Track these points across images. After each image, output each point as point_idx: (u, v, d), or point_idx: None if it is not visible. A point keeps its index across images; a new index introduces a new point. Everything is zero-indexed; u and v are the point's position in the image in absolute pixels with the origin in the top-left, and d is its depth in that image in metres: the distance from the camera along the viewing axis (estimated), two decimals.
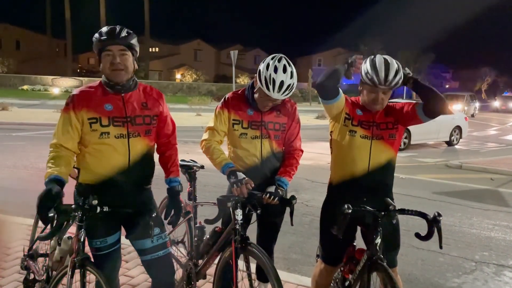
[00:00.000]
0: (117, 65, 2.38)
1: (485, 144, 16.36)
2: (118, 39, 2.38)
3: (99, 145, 2.42)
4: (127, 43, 2.40)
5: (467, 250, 5.08)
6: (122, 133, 2.43)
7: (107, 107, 2.43)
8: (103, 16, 42.49)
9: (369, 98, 2.66)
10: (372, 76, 2.56)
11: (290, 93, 2.77)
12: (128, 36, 2.41)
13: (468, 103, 30.59)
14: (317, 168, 8.96)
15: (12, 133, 13.80)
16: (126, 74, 2.43)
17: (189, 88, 43.39)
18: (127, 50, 2.41)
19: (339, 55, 60.85)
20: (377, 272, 2.44)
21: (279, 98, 2.76)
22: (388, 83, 2.55)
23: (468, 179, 9.33)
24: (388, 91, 2.63)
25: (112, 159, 2.43)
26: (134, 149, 2.47)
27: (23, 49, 55.59)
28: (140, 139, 2.49)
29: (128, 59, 2.43)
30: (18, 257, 4.00)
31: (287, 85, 2.72)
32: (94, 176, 2.46)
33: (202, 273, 3.11)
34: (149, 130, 2.53)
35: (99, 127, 2.40)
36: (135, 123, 2.47)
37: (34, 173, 7.97)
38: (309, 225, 5.62)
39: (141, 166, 2.51)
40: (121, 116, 2.44)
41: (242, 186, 2.64)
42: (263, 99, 2.80)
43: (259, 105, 2.85)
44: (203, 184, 3.69)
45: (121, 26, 2.45)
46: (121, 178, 2.45)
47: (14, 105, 21.89)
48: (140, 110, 2.50)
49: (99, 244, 2.50)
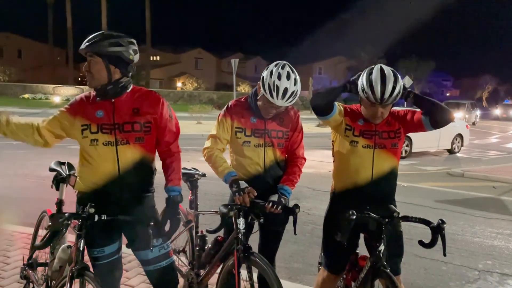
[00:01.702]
0: (86, 72, 2.38)
1: (486, 152, 16.33)
2: (85, 47, 2.34)
3: (89, 152, 2.40)
4: (92, 49, 2.32)
5: (470, 259, 5.04)
6: (109, 140, 2.38)
7: (98, 113, 2.40)
8: (105, 25, 42.66)
9: (368, 113, 2.66)
10: (368, 94, 2.54)
11: (294, 100, 2.75)
12: (95, 41, 2.32)
13: (469, 111, 30.61)
14: (318, 176, 8.93)
15: (13, 141, 13.75)
16: (94, 80, 2.37)
17: (190, 96, 43.47)
18: (94, 56, 2.33)
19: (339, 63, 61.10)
20: (380, 279, 2.42)
21: (282, 105, 2.74)
22: (384, 101, 2.52)
23: (470, 187, 9.29)
24: (387, 105, 2.61)
25: (101, 167, 2.40)
26: (123, 156, 2.40)
27: (25, 57, 55.82)
28: (129, 147, 2.41)
29: (94, 65, 2.35)
30: (17, 266, 3.97)
31: (290, 92, 2.71)
32: (88, 184, 2.44)
33: (204, 283, 3.07)
34: (140, 137, 2.43)
35: (89, 133, 2.39)
36: (123, 130, 2.40)
37: (34, 182, 7.95)
38: (311, 233, 5.59)
39: (134, 174, 2.43)
40: (109, 123, 2.39)
41: (245, 195, 2.62)
42: (267, 106, 2.78)
43: (263, 112, 2.83)
44: (204, 192, 3.67)
45: (99, 33, 2.37)
46: (113, 187, 2.40)
47: (15, 114, 21.79)
48: (129, 117, 2.42)
49: (97, 254, 2.47)
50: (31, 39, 56.37)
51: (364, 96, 2.58)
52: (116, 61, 2.36)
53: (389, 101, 2.53)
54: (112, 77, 2.37)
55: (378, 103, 2.54)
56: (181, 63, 60.24)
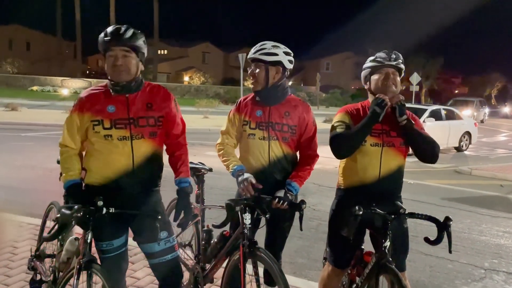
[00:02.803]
0: (119, 67, 2.36)
1: (494, 150, 16.23)
2: (121, 40, 2.34)
3: (102, 148, 2.41)
4: (130, 45, 2.36)
5: (477, 257, 5.02)
6: (124, 135, 2.40)
7: (110, 108, 2.40)
8: (113, 18, 42.73)
9: (380, 81, 2.64)
10: (375, 56, 2.66)
11: (264, 56, 2.80)
12: (132, 36, 2.36)
13: (478, 109, 30.39)
14: (324, 172, 8.92)
15: (21, 133, 13.90)
16: (128, 76, 2.39)
17: (196, 90, 43.51)
18: (130, 51, 2.37)
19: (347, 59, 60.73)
20: (386, 275, 2.42)
21: (254, 56, 2.83)
22: (393, 59, 2.60)
23: (477, 185, 9.24)
24: (396, 71, 2.64)
25: (115, 162, 2.41)
26: (138, 151, 2.43)
27: (33, 50, 56.11)
28: (144, 141, 2.44)
29: (131, 61, 2.38)
30: (25, 257, 4.01)
31: (267, 47, 2.81)
32: (98, 178, 2.45)
33: (209, 277, 3.09)
34: (154, 132, 2.47)
35: (102, 129, 2.39)
36: (138, 124, 2.42)
37: (42, 174, 8.01)
38: (316, 229, 5.59)
39: (146, 169, 2.47)
40: (123, 118, 2.40)
41: (248, 185, 2.65)
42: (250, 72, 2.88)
43: (253, 83, 2.90)
44: (210, 186, 3.68)
45: (127, 26, 2.40)
46: (126, 181, 2.43)
47: (24, 106, 22.06)
48: (144, 112, 2.45)
49: (105, 247, 2.49)
50: (40, 32, 56.62)
51: (372, 62, 2.66)
52: (143, 58, 2.47)
53: (398, 60, 2.61)
54: (138, 73, 2.45)
55: (387, 61, 2.60)
56: (188, 57, 60.25)
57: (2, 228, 4.92)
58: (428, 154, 2.63)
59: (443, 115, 14.44)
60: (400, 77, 2.69)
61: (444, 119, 14.30)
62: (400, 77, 2.69)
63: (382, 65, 2.62)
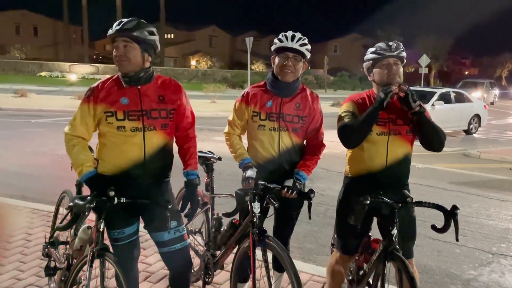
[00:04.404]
0: (120, 57, 2.41)
1: (504, 133, 16.06)
2: (122, 31, 2.39)
3: (115, 138, 2.46)
4: (131, 35, 2.39)
5: (484, 242, 5.04)
6: (137, 126, 2.45)
7: (123, 100, 2.45)
8: (119, 2, 42.52)
9: (383, 72, 2.64)
10: (375, 48, 2.67)
11: (305, 47, 2.81)
12: (133, 27, 2.39)
13: (488, 91, 29.99)
14: (332, 157, 8.91)
15: (31, 119, 14.02)
16: (130, 66, 2.42)
17: (204, 75, 43.41)
18: (131, 42, 2.40)
19: (355, 41, 60.09)
20: (393, 262, 2.45)
21: (294, 46, 2.78)
22: (394, 49, 2.60)
23: (486, 169, 9.21)
24: (398, 60, 2.64)
25: (128, 152, 2.46)
26: (149, 142, 2.48)
27: (41, 35, 56.14)
28: (156, 133, 2.49)
29: (131, 51, 2.41)
30: (39, 243, 4.10)
31: (299, 37, 2.80)
32: (111, 168, 2.51)
33: (219, 263, 3.15)
34: (165, 124, 2.52)
35: (115, 120, 2.44)
36: (151, 116, 2.48)
37: (53, 160, 8.11)
38: (324, 214, 5.64)
39: (157, 160, 2.52)
40: (136, 110, 2.45)
41: (252, 182, 2.70)
42: (281, 61, 2.82)
43: (281, 77, 2.84)
44: (218, 172, 3.72)
45: (133, 18, 2.44)
46: (138, 171, 2.48)
47: (33, 92, 22.18)
48: (156, 104, 2.50)
49: (117, 235, 2.56)
50: (47, 17, 56.54)
51: (373, 54, 2.66)
52: (149, 49, 2.47)
53: (398, 48, 2.61)
54: (144, 65, 2.47)
55: (388, 52, 2.60)
56: (195, 41, 59.99)
57: (15, 215, 5.02)
58: (435, 143, 2.64)
59: (453, 97, 14.34)
60: (402, 64, 2.70)
61: (454, 102, 14.20)
62: (402, 64, 2.70)
63: (384, 56, 2.62)
